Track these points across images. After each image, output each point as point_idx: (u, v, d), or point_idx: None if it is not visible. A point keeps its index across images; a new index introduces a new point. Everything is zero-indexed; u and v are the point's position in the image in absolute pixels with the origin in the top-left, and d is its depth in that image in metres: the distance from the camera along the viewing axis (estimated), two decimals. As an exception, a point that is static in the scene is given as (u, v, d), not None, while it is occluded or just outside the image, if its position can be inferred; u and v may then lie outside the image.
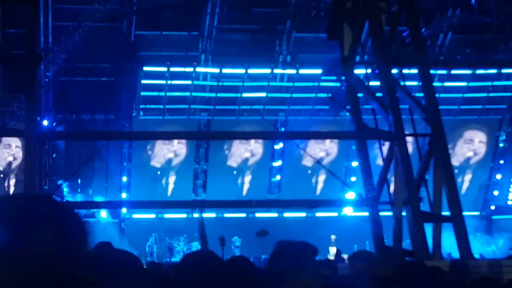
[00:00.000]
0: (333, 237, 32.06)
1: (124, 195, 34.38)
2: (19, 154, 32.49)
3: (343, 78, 27.32)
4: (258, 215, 34.58)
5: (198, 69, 33.42)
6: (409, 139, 25.76)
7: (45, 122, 29.62)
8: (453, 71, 34.89)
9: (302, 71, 33.91)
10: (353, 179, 34.03)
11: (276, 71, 34.21)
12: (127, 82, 31.73)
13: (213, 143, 35.30)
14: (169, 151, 35.24)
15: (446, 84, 35.33)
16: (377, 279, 5.77)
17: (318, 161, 32.84)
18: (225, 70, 33.43)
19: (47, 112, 31.33)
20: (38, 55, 24.49)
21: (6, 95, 31.29)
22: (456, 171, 24.65)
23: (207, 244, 29.86)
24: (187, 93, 33.98)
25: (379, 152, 26.64)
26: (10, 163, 32.94)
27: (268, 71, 34.00)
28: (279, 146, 35.81)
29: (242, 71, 33.42)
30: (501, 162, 37.62)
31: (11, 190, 31.89)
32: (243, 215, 34.69)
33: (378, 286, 5.74)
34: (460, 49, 33.98)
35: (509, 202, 38.09)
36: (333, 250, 29.45)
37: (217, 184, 35.31)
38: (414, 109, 25.32)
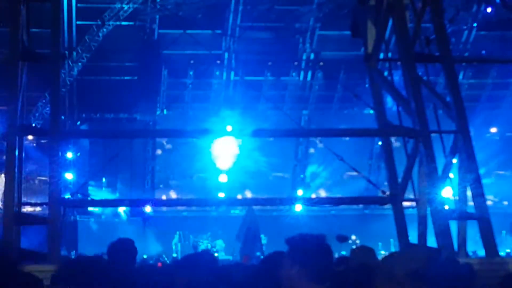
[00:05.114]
0: (353, 237, 31.97)
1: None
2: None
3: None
4: (283, 212, 34.48)
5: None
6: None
7: (69, 121, 29.72)
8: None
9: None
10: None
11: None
12: (150, 81, 31.76)
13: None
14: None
15: (471, 80, 35.21)
16: (405, 274, 5.52)
17: (342, 158, 32.71)
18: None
19: (71, 111, 31.46)
20: (62, 54, 24.49)
21: (30, 94, 31.34)
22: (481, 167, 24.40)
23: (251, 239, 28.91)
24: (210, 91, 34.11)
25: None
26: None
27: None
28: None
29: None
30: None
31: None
32: (269, 212, 34.68)
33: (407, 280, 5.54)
34: (485, 45, 33.77)
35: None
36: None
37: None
38: (438, 106, 25.16)
